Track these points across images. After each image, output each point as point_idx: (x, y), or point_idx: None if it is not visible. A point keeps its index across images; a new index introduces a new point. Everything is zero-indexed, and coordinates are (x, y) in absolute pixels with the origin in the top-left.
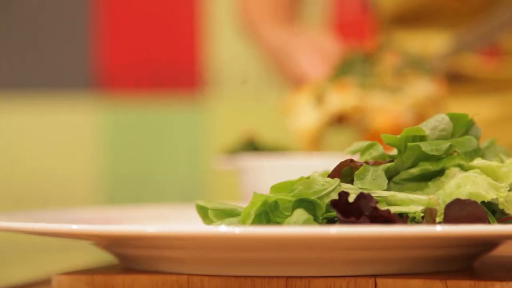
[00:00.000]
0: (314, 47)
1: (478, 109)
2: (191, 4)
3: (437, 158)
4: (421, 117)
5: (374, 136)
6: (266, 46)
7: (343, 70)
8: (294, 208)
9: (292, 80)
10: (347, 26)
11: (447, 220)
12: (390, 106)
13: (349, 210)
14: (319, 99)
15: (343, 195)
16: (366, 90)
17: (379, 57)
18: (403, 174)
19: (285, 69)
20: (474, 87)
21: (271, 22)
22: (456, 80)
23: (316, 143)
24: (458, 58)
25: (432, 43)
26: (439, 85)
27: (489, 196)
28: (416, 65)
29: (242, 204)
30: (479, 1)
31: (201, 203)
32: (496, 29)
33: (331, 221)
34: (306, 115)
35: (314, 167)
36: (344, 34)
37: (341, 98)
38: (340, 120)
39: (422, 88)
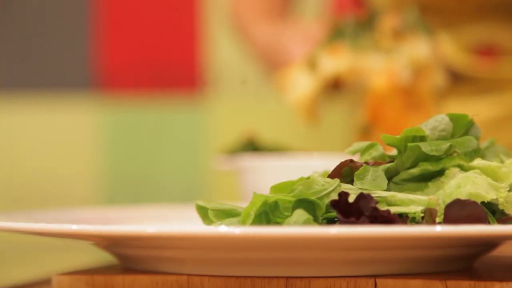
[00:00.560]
0: (306, 36)
1: (475, 109)
2: (191, 4)
3: (437, 159)
4: (418, 76)
5: (373, 98)
6: (256, 43)
7: (335, 35)
8: (294, 208)
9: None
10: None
11: (447, 220)
12: (386, 66)
13: (349, 210)
14: (312, 66)
15: (343, 195)
16: (360, 52)
17: (374, 20)
18: (403, 175)
19: (277, 62)
20: (470, 87)
21: (262, 19)
22: (452, 79)
23: (313, 112)
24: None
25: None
26: (438, 43)
27: (489, 196)
28: (415, 25)
29: (242, 204)
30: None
31: (201, 203)
32: None
33: (331, 221)
34: (300, 84)
35: (314, 167)
36: None
37: (335, 62)
38: (335, 85)
39: (419, 47)
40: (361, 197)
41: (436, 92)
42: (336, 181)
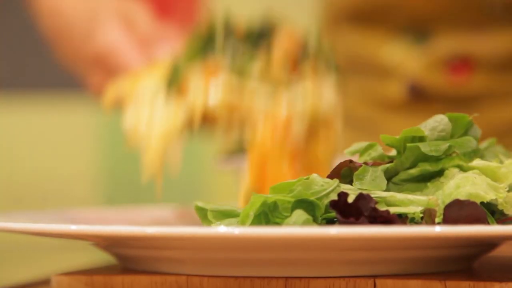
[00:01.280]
0: (121, 14)
1: None
2: None
3: (436, 159)
4: (314, 133)
5: (255, 153)
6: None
7: (206, 44)
8: (293, 208)
9: (87, 60)
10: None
11: (446, 220)
12: (272, 110)
13: (348, 210)
14: (171, 85)
15: (342, 195)
16: (243, 81)
17: (265, 34)
18: (402, 175)
19: (77, 43)
20: (441, 106)
21: None
22: (419, 99)
23: (171, 155)
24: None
25: (387, 44)
26: (343, 87)
27: (488, 196)
28: (320, 58)
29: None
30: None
31: (200, 204)
32: None
33: (330, 221)
34: (157, 111)
35: None
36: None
37: (205, 88)
38: (205, 119)
39: (323, 90)
40: (361, 197)
41: (333, 154)
42: (336, 181)
